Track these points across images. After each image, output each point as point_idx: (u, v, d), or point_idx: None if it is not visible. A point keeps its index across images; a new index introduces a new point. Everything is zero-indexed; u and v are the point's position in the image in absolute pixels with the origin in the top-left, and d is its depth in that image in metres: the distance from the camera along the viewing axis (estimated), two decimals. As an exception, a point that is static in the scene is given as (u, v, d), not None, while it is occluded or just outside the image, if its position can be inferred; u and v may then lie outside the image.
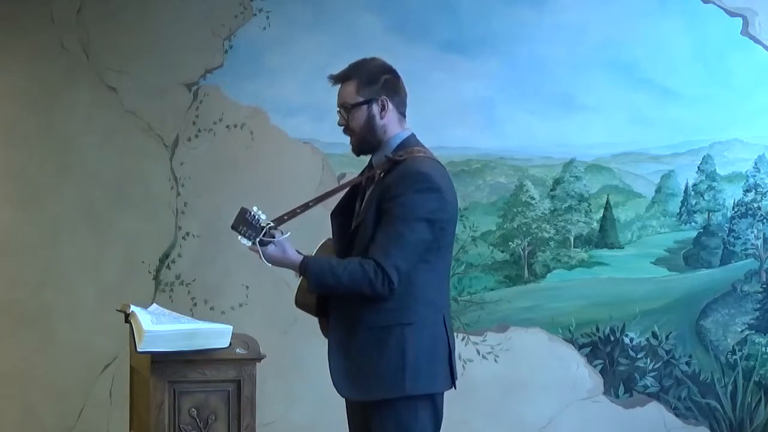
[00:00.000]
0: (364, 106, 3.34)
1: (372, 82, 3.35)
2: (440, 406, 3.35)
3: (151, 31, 5.76)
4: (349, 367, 3.28)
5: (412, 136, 3.39)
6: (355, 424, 3.48)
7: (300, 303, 3.48)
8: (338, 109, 3.40)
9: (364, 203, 3.37)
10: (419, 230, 3.21)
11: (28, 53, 5.82)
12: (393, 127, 3.36)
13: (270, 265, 3.25)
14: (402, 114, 3.40)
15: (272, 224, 3.22)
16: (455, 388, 3.37)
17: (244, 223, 3.18)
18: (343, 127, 3.40)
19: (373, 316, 3.25)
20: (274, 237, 3.22)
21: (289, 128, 5.70)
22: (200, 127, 5.74)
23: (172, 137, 5.75)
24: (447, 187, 3.31)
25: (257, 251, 3.20)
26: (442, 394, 3.35)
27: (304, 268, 3.24)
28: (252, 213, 3.19)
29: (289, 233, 3.27)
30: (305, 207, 3.32)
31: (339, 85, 3.39)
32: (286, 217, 3.27)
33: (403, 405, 3.25)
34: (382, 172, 3.31)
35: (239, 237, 3.20)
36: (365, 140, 3.37)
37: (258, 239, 3.18)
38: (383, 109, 3.34)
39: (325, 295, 3.34)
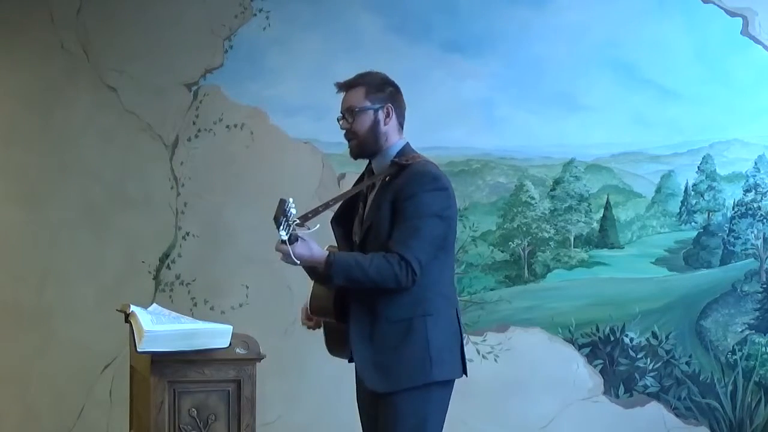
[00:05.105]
0: (371, 111, 3.50)
1: (379, 90, 3.53)
2: (451, 391, 3.52)
3: (151, 31, 5.76)
4: (377, 361, 3.40)
5: (408, 144, 3.57)
6: (368, 418, 3.56)
7: (316, 309, 3.53)
8: (341, 114, 3.54)
9: (369, 206, 3.51)
10: (433, 225, 3.39)
11: (28, 53, 5.82)
12: (393, 135, 3.54)
13: (298, 263, 3.30)
14: (401, 125, 3.58)
15: (298, 221, 3.26)
16: (467, 375, 3.54)
17: (284, 214, 3.21)
18: (345, 131, 3.54)
19: (394, 310, 3.40)
20: (298, 235, 3.26)
21: (289, 128, 5.70)
22: (200, 127, 5.74)
23: (172, 137, 5.75)
24: (451, 187, 3.51)
25: (287, 250, 3.24)
26: (454, 380, 3.52)
27: (330, 262, 3.33)
28: (288, 204, 3.20)
29: (318, 225, 3.34)
30: (326, 206, 3.46)
31: (343, 93, 3.54)
32: (310, 215, 3.37)
33: (426, 391, 3.40)
34: (387, 176, 3.46)
35: (279, 229, 3.20)
36: (367, 144, 3.52)
37: (288, 235, 3.21)
38: (388, 116, 3.52)
39: (346, 292, 3.42)
